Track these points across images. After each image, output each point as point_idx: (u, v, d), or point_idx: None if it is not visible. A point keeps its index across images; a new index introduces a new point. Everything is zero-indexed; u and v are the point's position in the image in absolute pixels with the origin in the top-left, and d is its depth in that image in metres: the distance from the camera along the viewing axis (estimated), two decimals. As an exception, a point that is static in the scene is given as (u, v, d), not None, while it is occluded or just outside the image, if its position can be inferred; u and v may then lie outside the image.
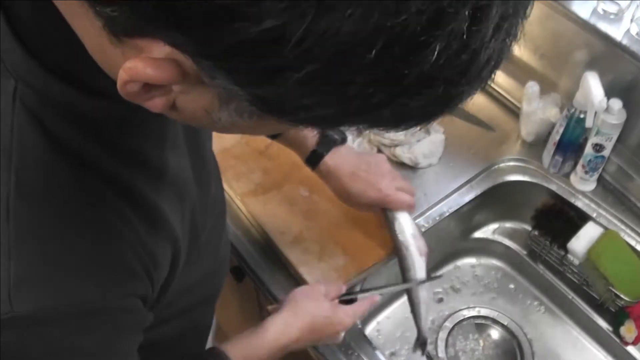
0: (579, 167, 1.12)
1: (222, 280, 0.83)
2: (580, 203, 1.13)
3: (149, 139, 0.51)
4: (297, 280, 0.98)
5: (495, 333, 1.19)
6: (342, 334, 0.86)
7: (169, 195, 0.55)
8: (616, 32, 1.04)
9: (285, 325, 0.78)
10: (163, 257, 0.55)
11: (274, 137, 0.94)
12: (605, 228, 1.09)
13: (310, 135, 0.91)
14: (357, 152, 0.97)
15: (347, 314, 0.84)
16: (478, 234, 1.27)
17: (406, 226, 0.94)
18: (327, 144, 0.92)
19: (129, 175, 0.49)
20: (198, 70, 0.34)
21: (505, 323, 1.19)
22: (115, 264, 0.48)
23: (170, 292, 0.61)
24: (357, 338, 0.94)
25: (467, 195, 1.13)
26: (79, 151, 0.45)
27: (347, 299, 0.87)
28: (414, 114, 0.36)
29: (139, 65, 0.34)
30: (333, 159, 0.92)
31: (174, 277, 0.59)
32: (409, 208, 0.96)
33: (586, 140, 1.08)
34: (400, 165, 1.16)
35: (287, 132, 0.91)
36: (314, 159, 0.92)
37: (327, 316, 0.81)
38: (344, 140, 0.94)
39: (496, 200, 1.19)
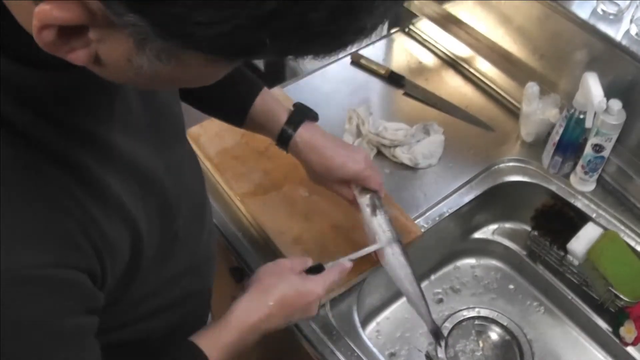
0: (578, 168, 1.12)
1: (210, 276, 0.81)
2: (580, 203, 1.13)
3: (94, 117, 0.52)
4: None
5: (495, 334, 1.19)
6: (316, 307, 0.82)
7: (123, 177, 0.54)
8: (616, 32, 1.04)
9: (251, 303, 0.76)
10: (119, 239, 0.54)
11: (241, 124, 0.91)
12: (605, 228, 1.09)
13: (280, 115, 0.89)
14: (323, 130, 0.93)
15: (317, 283, 0.80)
16: (478, 235, 1.27)
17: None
18: (296, 121, 0.89)
19: (74, 151, 0.49)
20: (104, 8, 0.36)
21: (505, 324, 1.19)
22: (55, 234, 0.47)
23: (148, 282, 0.61)
24: (356, 338, 0.94)
25: (467, 196, 1.13)
26: (19, 125, 0.45)
27: (316, 270, 0.83)
28: (322, 23, 0.35)
29: (46, 9, 0.36)
30: (306, 133, 0.89)
31: (140, 264, 0.58)
32: (379, 186, 0.92)
33: (586, 140, 1.08)
34: (400, 165, 1.16)
35: (254, 114, 0.89)
36: (285, 137, 0.89)
37: (296, 289, 0.78)
38: (315, 117, 0.92)
39: (496, 200, 1.19)
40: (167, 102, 0.66)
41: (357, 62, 1.37)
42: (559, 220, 1.15)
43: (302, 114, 0.90)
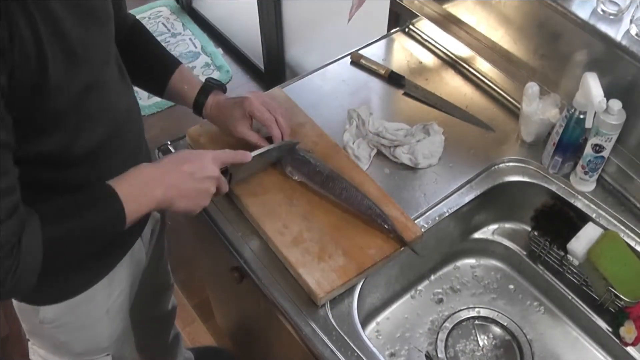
0: (578, 168, 1.12)
1: (136, 142, 0.94)
2: (580, 204, 1.13)
3: None
4: (297, 281, 0.98)
5: (495, 334, 1.19)
6: (215, 164, 0.91)
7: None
8: (616, 32, 1.04)
9: (150, 165, 0.87)
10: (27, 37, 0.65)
11: (161, 93, 1.05)
12: (605, 229, 1.09)
13: (195, 87, 1.05)
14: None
15: (207, 154, 0.91)
16: (478, 235, 1.27)
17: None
18: (207, 91, 1.06)
19: None
20: None
21: (505, 324, 1.19)
22: None
23: (62, 100, 0.73)
24: (356, 338, 0.94)
25: (467, 196, 1.13)
26: None
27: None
28: None
29: None
30: (214, 99, 1.06)
31: (45, 87, 0.70)
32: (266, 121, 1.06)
33: (586, 140, 1.08)
34: (400, 165, 1.16)
35: (173, 86, 1.04)
36: (198, 104, 1.06)
37: (188, 151, 0.92)
38: (222, 88, 1.09)
39: (496, 200, 1.19)
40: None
41: (357, 62, 1.37)
42: (559, 220, 1.15)
43: (211, 85, 1.07)
